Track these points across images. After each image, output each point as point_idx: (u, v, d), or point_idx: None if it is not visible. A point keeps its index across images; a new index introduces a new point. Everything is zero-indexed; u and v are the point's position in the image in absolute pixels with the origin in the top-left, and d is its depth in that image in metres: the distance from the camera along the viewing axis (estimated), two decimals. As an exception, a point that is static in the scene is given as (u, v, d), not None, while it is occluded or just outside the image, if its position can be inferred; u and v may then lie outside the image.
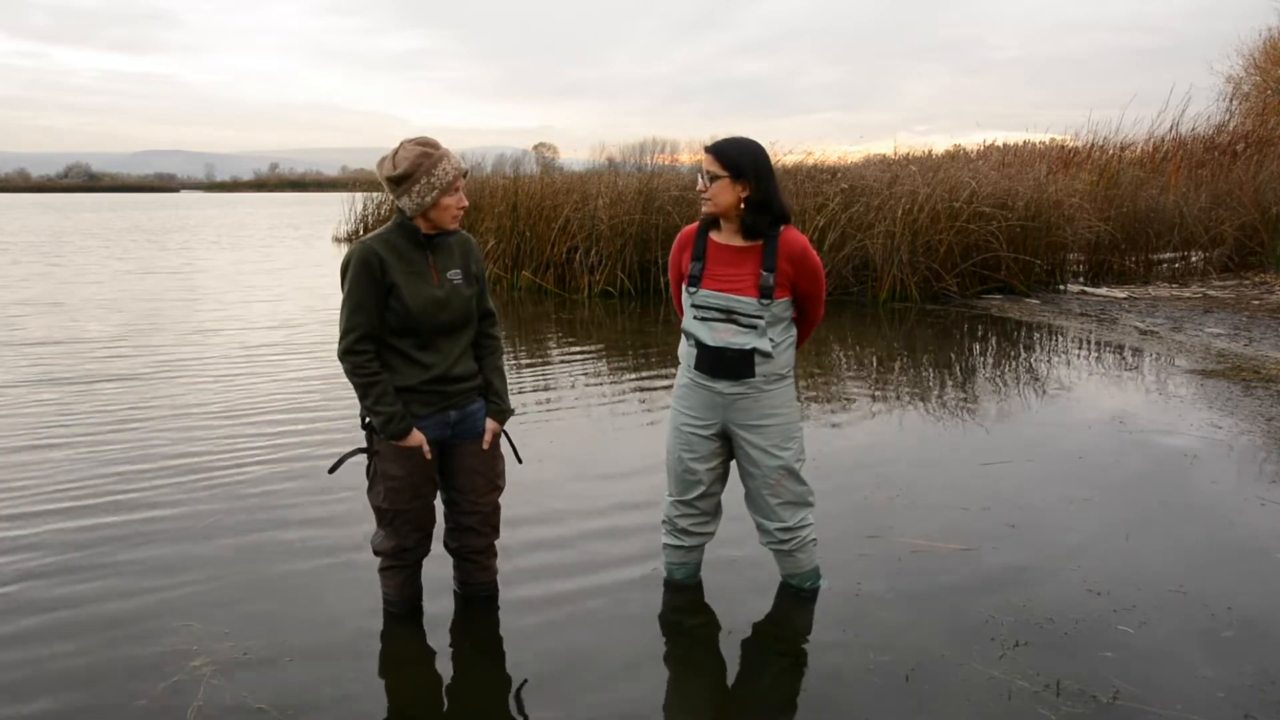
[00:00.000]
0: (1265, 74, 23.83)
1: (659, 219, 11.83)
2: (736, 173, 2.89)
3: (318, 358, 7.80)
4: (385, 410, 2.79)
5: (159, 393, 6.48)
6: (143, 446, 5.12)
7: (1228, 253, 13.54)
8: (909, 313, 10.32)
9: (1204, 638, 2.99)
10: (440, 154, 2.78)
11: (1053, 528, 3.94)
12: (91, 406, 6.04)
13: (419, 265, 2.84)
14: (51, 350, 8.14)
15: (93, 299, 11.85)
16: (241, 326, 9.69)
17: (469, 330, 2.98)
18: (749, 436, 3.04)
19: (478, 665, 2.91)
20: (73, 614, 3.16)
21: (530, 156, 22.56)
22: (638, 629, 3.09)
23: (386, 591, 3.12)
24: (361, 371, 2.79)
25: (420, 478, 2.90)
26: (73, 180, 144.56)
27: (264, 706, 2.60)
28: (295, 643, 2.97)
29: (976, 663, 2.84)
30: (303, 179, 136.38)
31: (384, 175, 2.79)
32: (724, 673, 2.86)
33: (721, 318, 2.96)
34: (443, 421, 2.93)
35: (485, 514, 3.08)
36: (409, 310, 2.78)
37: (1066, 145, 17.66)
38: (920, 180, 11.39)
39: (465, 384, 2.96)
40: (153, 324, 9.77)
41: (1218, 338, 8.59)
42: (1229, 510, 4.14)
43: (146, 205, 60.39)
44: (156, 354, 7.98)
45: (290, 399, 6.31)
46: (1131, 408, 6.02)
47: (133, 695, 2.66)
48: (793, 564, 3.21)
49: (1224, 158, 16.10)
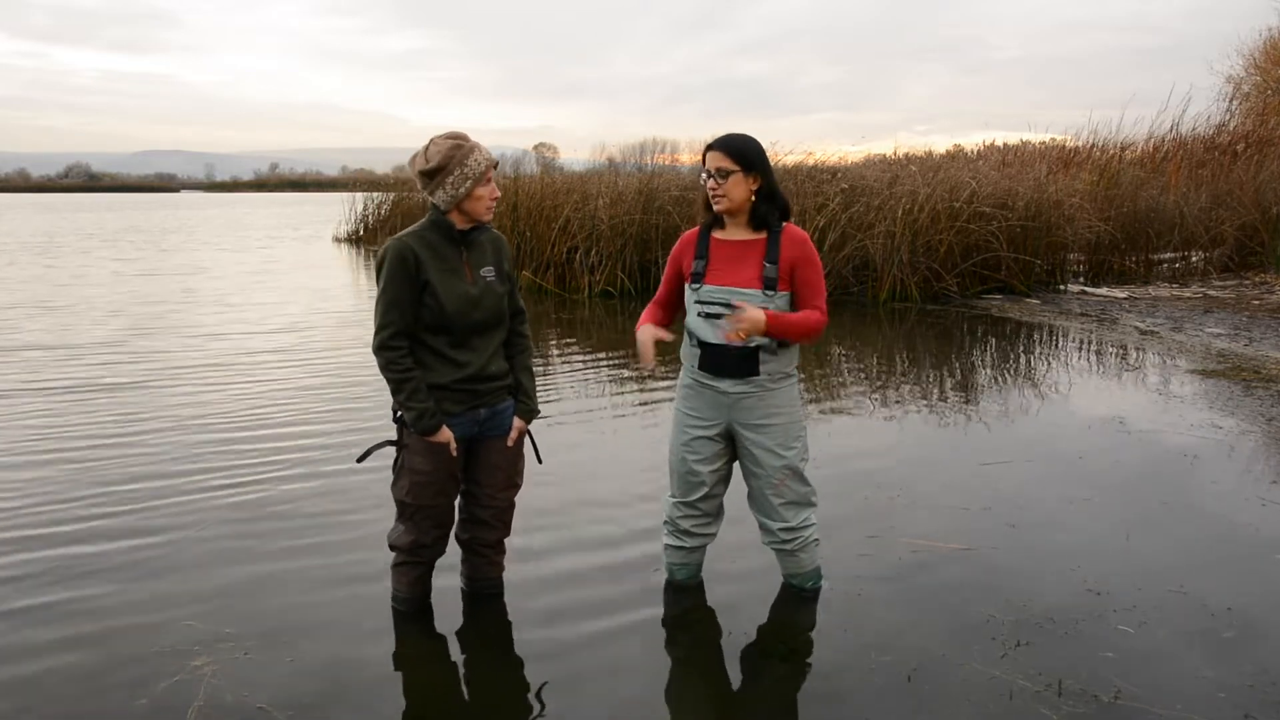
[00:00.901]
0: (1265, 74, 23.84)
1: (659, 219, 11.83)
2: (748, 166, 2.90)
3: (313, 367, 7.81)
4: (417, 406, 2.81)
5: (159, 400, 6.48)
6: (144, 448, 5.12)
7: (1228, 253, 13.54)
8: (909, 313, 10.32)
9: (1204, 638, 2.99)
10: (471, 145, 2.81)
11: (1053, 528, 3.95)
12: (92, 407, 6.05)
13: (454, 262, 2.86)
14: (44, 355, 8.14)
15: (89, 301, 11.84)
16: (243, 331, 9.69)
17: (502, 328, 3.00)
18: (753, 436, 3.04)
19: (481, 663, 2.91)
20: (73, 614, 3.16)
21: (530, 156, 22.56)
22: (639, 628, 3.09)
23: (396, 589, 3.13)
24: (395, 367, 2.81)
25: (445, 474, 2.92)
26: (73, 180, 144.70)
27: (265, 706, 2.60)
28: (297, 642, 2.97)
29: (977, 662, 2.84)
30: (303, 179, 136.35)
31: (416, 170, 2.82)
32: (725, 673, 2.86)
33: (725, 313, 2.96)
34: (473, 419, 2.94)
35: (500, 509, 3.10)
36: (444, 308, 2.80)
37: (1067, 145, 17.68)
38: (920, 180, 11.39)
39: (497, 383, 2.98)
40: (150, 328, 9.77)
41: (1218, 338, 8.60)
42: (1229, 510, 4.14)
43: (147, 205, 60.41)
44: (154, 360, 7.98)
45: (289, 404, 6.31)
46: (1132, 408, 6.02)
47: (133, 695, 2.66)
48: (794, 564, 3.21)
49: (1224, 158, 16.11)
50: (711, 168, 2.92)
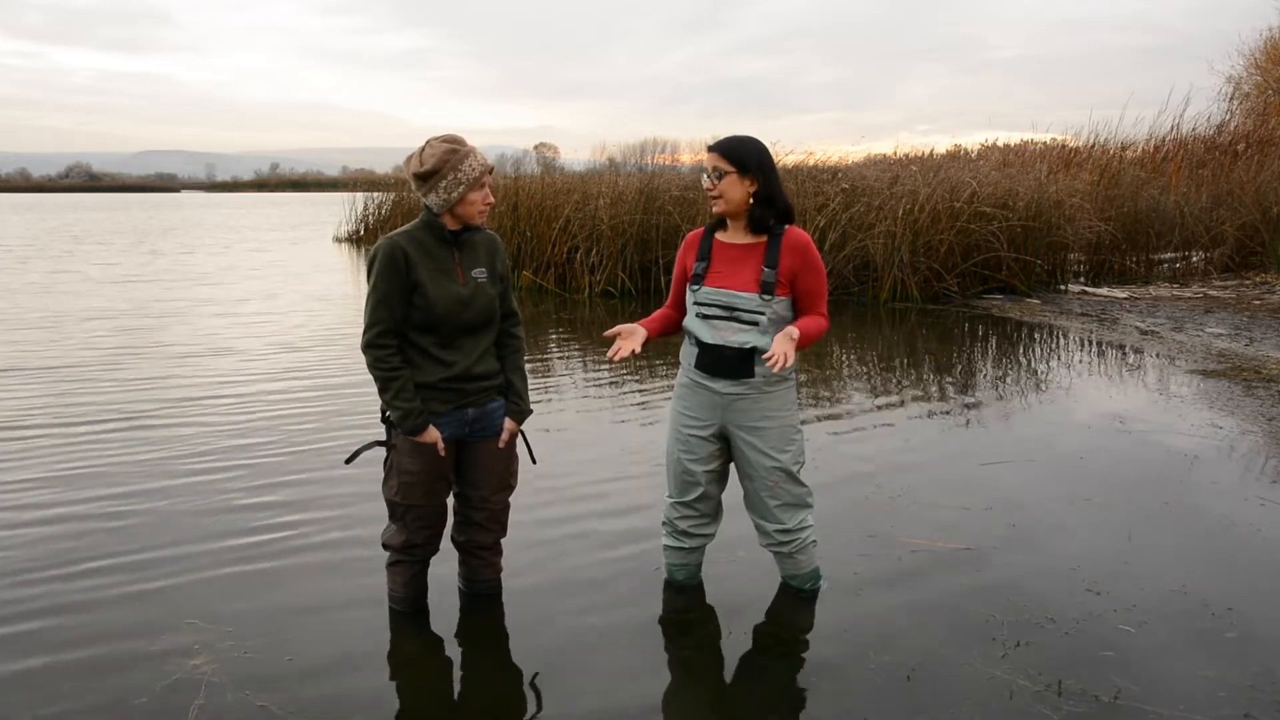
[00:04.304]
0: (1266, 73, 23.83)
1: (660, 219, 11.84)
2: (744, 168, 2.91)
3: (309, 364, 7.81)
4: (403, 405, 2.81)
5: (158, 401, 6.48)
6: (144, 444, 5.12)
7: (1228, 253, 13.54)
8: (909, 313, 10.32)
9: (1205, 638, 2.99)
10: (466, 150, 2.81)
11: (1053, 528, 3.94)
12: (88, 409, 6.05)
13: (445, 262, 2.86)
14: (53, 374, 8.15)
15: (87, 310, 11.85)
16: (241, 332, 9.70)
17: (492, 329, 2.99)
18: (747, 438, 3.04)
19: (480, 663, 2.91)
20: (73, 614, 3.16)
21: (531, 156, 22.60)
22: (639, 629, 3.09)
23: (392, 588, 3.13)
24: (382, 366, 2.81)
25: (434, 474, 2.91)
26: (73, 180, 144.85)
27: (266, 705, 2.60)
28: (297, 641, 2.97)
29: (977, 662, 2.84)
30: (303, 179, 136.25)
31: (411, 172, 2.82)
32: (724, 673, 2.86)
33: (723, 315, 2.97)
34: (460, 419, 2.94)
35: (494, 511, 3.09)
36: (433, 308, 2.80)
37: (1067, 145, 17.67)
38: (921, 180, 11.39)
39: (485, 383, 2.97)
40: (149, 321, 9.77)
41: (1218, 338, 8.59)
42: (1230, 510, 4.14)
43: (152, 205, 60.41)
44: (152, 358, 7.98)
45: (289, 404, 6.31)
46: (1132, 408, 6.01)
47: (134, 694, 2.66)
48: (793, 565, 3.21)
49: (1225, 158, 16.10)
50: (710, 168, 2.95)
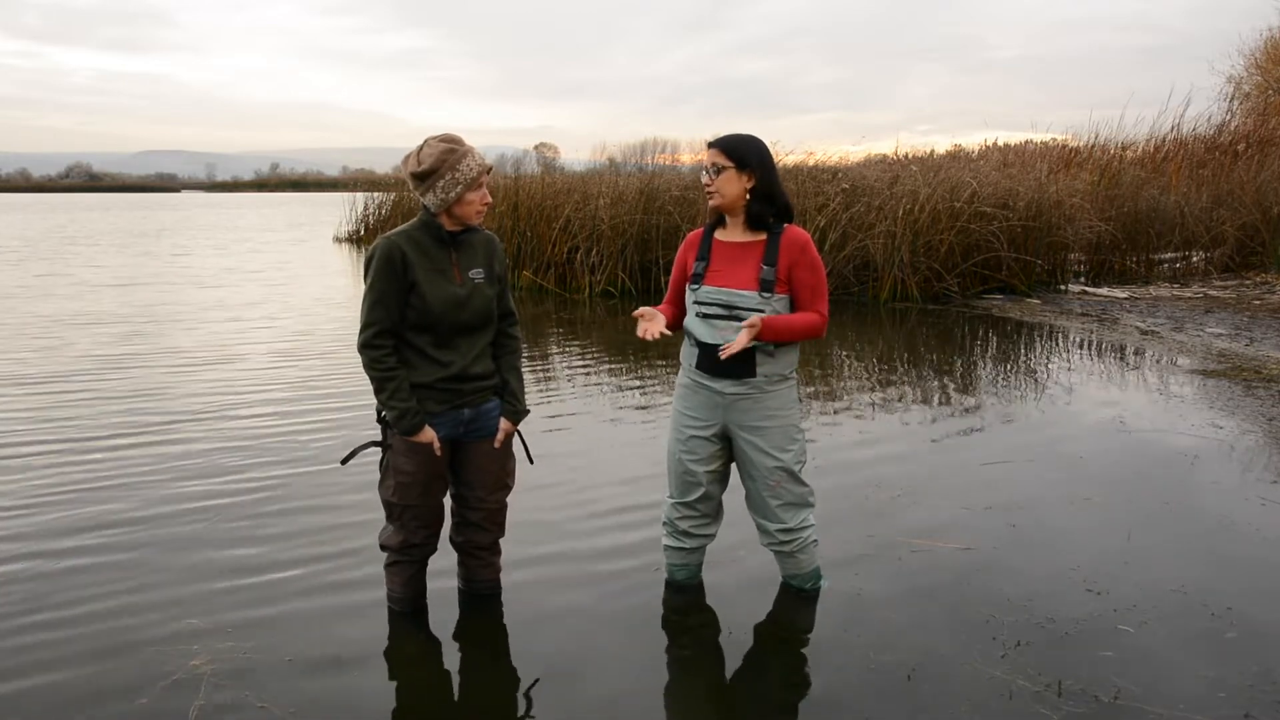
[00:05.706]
0: (1266, 73, 23.82)
1: (660, 219, 11.84)
2: (741, 163, 2.92)
3: (307, 365, 7.80)
4: (399, 405, 2.81)
5: (158, 402, 6.48)
6: (142, 451, 5.12)
7: (1229, 253, 13.54)
8: (910, 313, 10.32)
9: (1205, 638, 2.99)
10: (464, 150, 2.80)
11: (1053, 528, 3.94)
12: (89, 411, 6.05)
13: (442, 263, 2.86)
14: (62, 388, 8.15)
15: (81, 313, 11.85)
16: (240, 329, 9.70)
17: (489, 330, 2.99)
18: (749, 438, 3.04)
19: (480, 664, 2.91)
20: (74, 614, 3.16)
21: (531, 156, 22.60)
22: (639, 629, 3.09)
23: (390, 588, 3.13)
24: (378, 366, 2.81)
25: (430, 474, 2.91)
26: (74, 180, 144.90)
27: (266, 705, 2.60)
28: (297, 641, 2.97)
29: (977, 662, 2.84)
30: (303, 179, 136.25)
31: (408, 171, 2.81)
32: (724, 673, 2.86)
33: (723, 314, 2.96)
34: (456, 420, 2.94)
35: (492, 511, 3.09)
36: (429, 308, 2.80)
37: (1067, 145, 17.67)
38: (921, 180, 11.39)
39: (481, 383, 2.97)
40: (153, 321, 9.77)
41: (1219, 338, 8.59)
42: (1230, 510, 4.13)
43: (149, 205, 60.41)
44: (151, 359, 7.99)
45: (287, 405, 6.31)
46: (1132, 408, 6.01)
47: (133, 695, 2.66)
48: (794, 565, 3.21)
49: (1225, 158, 16.10)
50: (709, 163, 2.96)
